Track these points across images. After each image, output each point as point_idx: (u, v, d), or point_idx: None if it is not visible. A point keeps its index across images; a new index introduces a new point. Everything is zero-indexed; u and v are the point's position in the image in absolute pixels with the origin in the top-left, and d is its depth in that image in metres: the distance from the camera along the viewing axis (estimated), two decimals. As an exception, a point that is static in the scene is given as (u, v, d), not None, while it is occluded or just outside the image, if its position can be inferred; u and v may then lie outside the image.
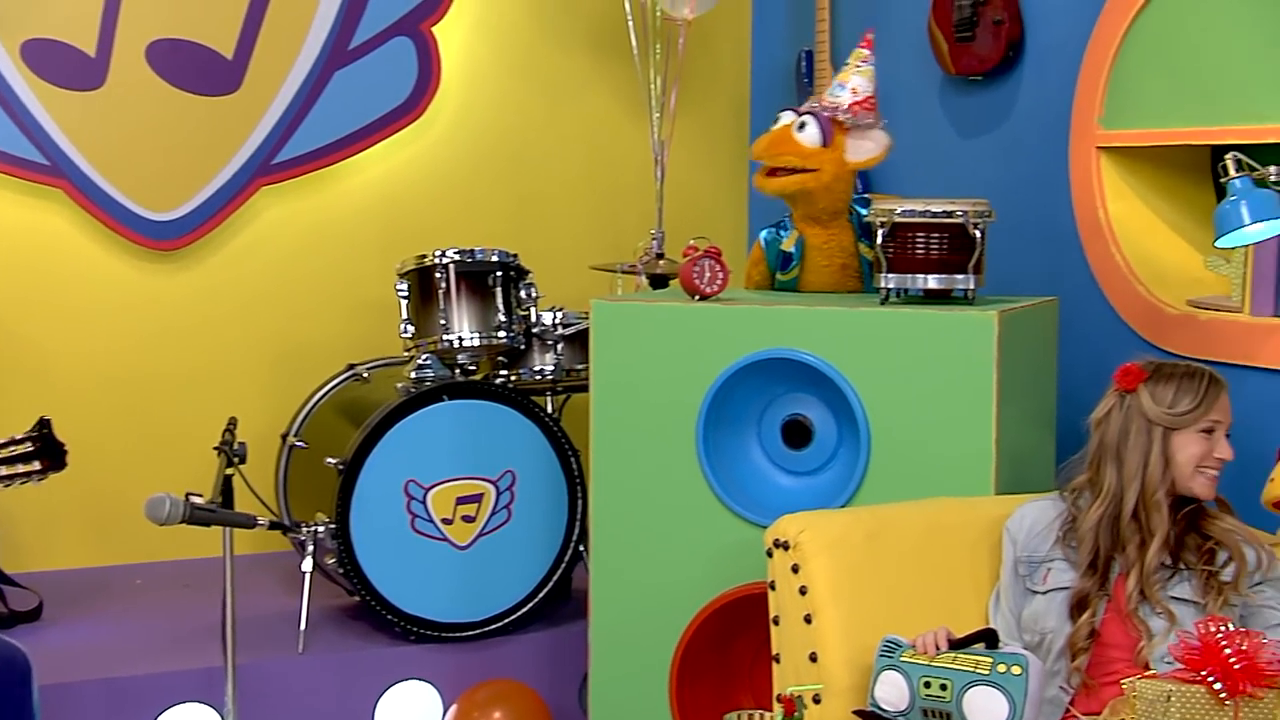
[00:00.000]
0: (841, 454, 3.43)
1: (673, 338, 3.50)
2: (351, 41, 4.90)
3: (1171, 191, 4.08)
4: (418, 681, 4.09)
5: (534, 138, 5.18)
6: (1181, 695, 2.37)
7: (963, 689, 2.64)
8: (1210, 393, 2.91)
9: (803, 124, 3.62)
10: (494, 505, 4.15)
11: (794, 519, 3.06)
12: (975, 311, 3.30)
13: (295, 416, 4.47)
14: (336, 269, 4.98)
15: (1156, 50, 3.88)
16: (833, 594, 2.95)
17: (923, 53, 4.61)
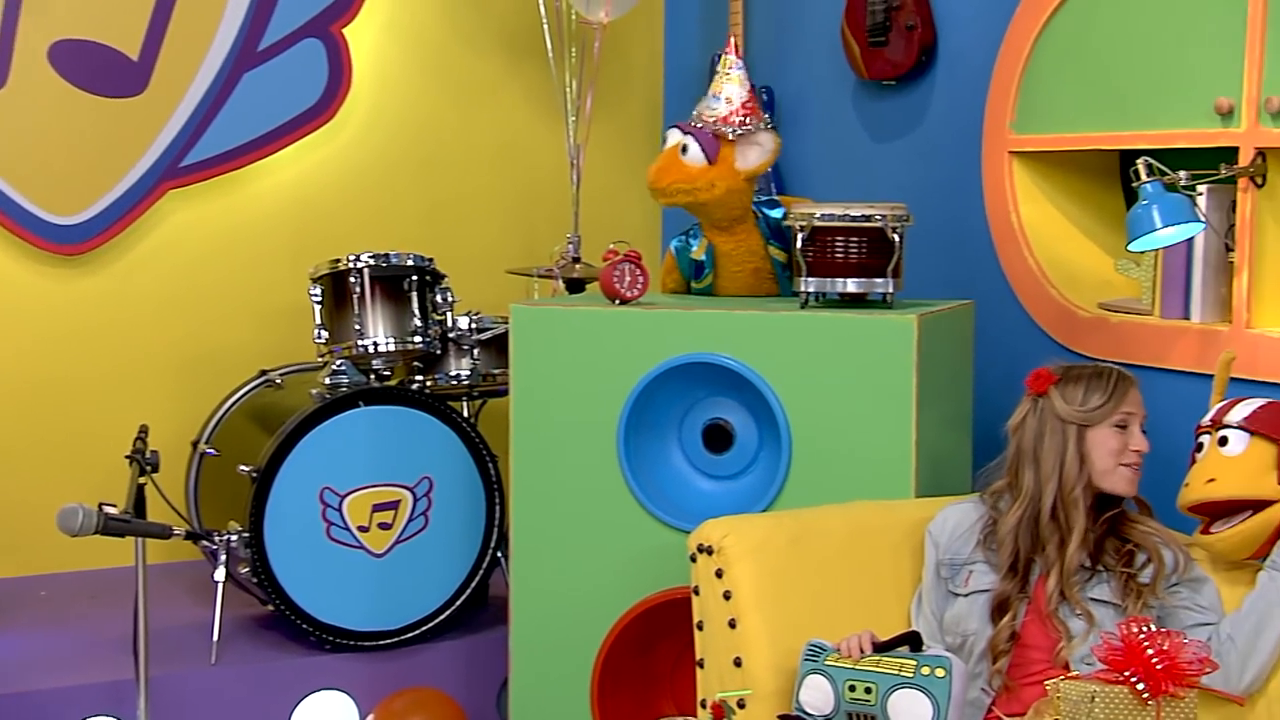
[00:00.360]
0: (762, 458, 3.45)
1: (593, 342, 3.51)
2: (260, 43, 4.86)
3: (1082, 195, 4.14)
4: (333, 691, 4.06)
5: (447, 140, 5.17)
6: (1105, 696, 2.40)
7: (887, 692, 2.67)
8: (1119, 387, 2.99)
9: (685, 147, 3.61)
10: (411, 512, 4.13)
11: (717, 523, 3.08)
12: (895, 315, 3.33)
13: (206, 423, 4.43)
14: (247, 273, 4.93)
15: (1067, 55, 3.93)
16: (757, 598, 2.97)
17: (836, 57, 4.64)
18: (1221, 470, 2.90)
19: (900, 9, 4.37)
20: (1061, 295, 3.97)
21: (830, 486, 3.31)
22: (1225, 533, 2.88)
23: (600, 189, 5.05)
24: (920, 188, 4.32)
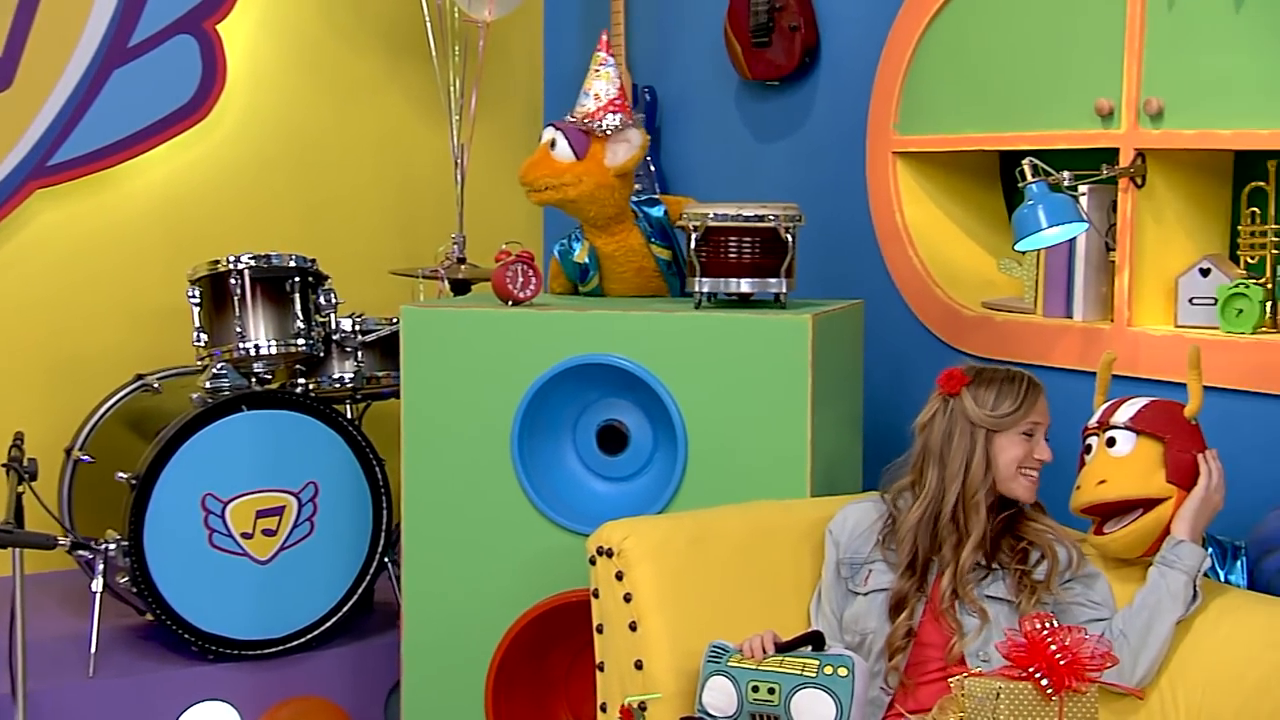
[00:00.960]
0: (658, 459, 3.48)
1: (486, 344, 3.51)
2: (131, 39, 4.78)
3: (964, 196, 4.22)
4: (216, 702, 4.00)
5: (326, 139, 5.14)
6: (1010, 692, 2.45)
7: (790, 692, 2.70)
8: (1030, 396, 3.02)
9: (554, 142, 3.63)
10: (296, 518, 4.10)
11: (616, 526, 3.09)
12: (789, 315, 3.37)
13: (80, 430, 4.35)
14: (119, 275, 4.85)
15: (949, 57, 4.01)
16: (658, 600, 2.98)
17: (719, 58, 4.69)
18: (1111, 471, 2.96)
19: (783, 10, 4.43)
20: (946, 294, 4.04)
21: (727, 487, 3.34)
22: (1118, 533, 2.95)
23: (483, 189, 5.04)
24: (804, 188, 4.36)
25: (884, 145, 4.18)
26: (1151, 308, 3.61)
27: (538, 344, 3.46)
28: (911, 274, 4.12)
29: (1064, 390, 3.71)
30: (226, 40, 4.89)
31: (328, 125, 5.12)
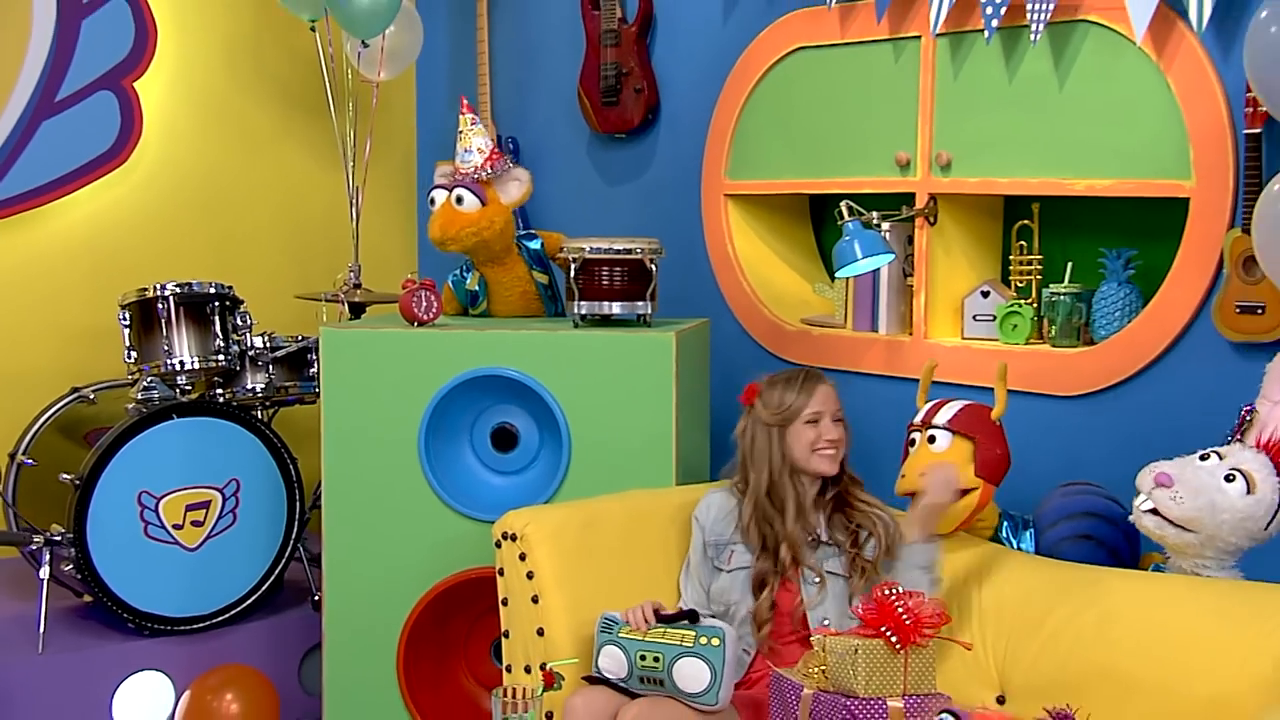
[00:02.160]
0: (544, 455, 3.49)
1: (395, 360, 3.49)
2: (58, 94, 4.66)
3: (782, 231, 4.32)
4: (152, 672, 3.93)
5: (232, 182, 5.04)
6: (865, 648, 2.48)
7: (672, 660, 2.75)
8: (805, 390, 3.06)
9: (460, 198, 3.62)
10: (220, 510, 4.04)
11: (519, 514, 3.10)
12: (655, 333, 3.43)
13: (21, 437, 4.22)
14: (50, 300, 4.71)
15: (770, 116, 4.10)
16: (556, 577, 3.01)
17: (572, 113, 4.72)
18: (930, 465, 3.00)
19: (629, 75, 4.49)
20: (771, 313, 4.14)
21: (604, 478, 3.37)
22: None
23: (369, 224, 4.96)
24: (649, 224, 4.38)
25: (716, 188, 4.25)
26: (943, 323, 3.74)
27: (440, 359, 3.46)
28: (741, 296, 4.20)
29: (873, 391, 3.85)
30: (142, 95, 4.79)
31: (233, 169, 5.03)
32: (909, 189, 3.72)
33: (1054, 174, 3.43)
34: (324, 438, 3.54)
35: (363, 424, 3.50)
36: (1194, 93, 3.15)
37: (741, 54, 4.16)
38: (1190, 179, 3.17)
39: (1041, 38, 3.34)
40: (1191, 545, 2.74)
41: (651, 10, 4.47)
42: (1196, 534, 2.72)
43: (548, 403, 3.40)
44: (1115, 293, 3.43)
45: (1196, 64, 3.14)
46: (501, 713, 2.42)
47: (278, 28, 4.99)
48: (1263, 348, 3.03)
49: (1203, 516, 2.71)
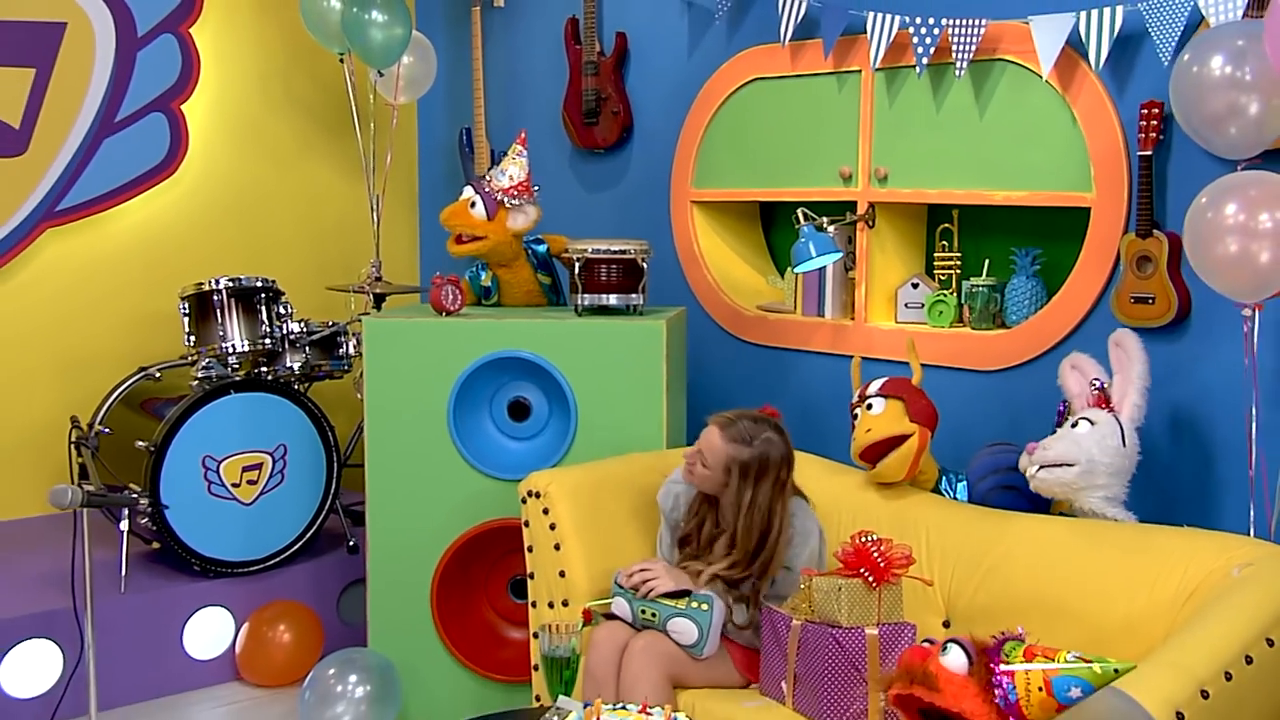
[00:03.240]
0: (552, 423, 3.49)
1: (426, 344, 3.47)
2: (117, 115, 4.59)
3: (738, 232, 4.32)
4: (216, 607, 3.92)
5: (262, 191, 4.97)
6: (848, 587, 2.52)
7: (666, 618, 2.75)
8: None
9: (474, 203, 3.59)
10: (271, 471, 4.01)
11: (541, 475, 3.11)
12: (649, 320, 3.43)
13: (97, 410, 4.15)
14: (111, 292, 4.64)
15: (730, 135, 4.10)
16: (574, 527, 3.01)
17: (556, 131, 4.69)
18: (873, 423, 3.04)
19: (607, 100, 4.47)
20: (732, 301, 4.15)
21: (605, 442, 3.37)
22: (885, 462, 3.03)
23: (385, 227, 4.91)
24: (625, 227, 4.39)
25: (684, 196, 4.25)
26: (879, 310, 3.78)
27: (464, 344, 3.44)
28: (706, 287, 4.20)
29: (820, 366, 3.89)
30: (188, 116, 4.73)
31: (264, 180, 4.96)
32: (851, 198, 3.74)
33: (976, 186, 3.46)
34: (366, 411, 3.51)
35: (399, 398, 3.48)
36: (1094, 120, 3.20)
37: (705, 83, 4.15)
38: (1091, 191, 3.21)
39: (965, 73, 3.37)
40: (1080, 478, 2.78)
41: (626, 45, 4.45)
42: (1075, 464, 2.78)
43: (557, 379, 3.40)
44: (1024, 285, 3.47)
45: (1096, 96, 3.19)
46: (550, 643, 2.43)
47: (303, 59, 4.94)
48: (1153, 331, 3.09)
49: (1070, 449, 2.79)
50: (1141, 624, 2.51)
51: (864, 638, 2.50)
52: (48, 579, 3.76)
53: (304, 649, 3.89)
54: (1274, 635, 2.25)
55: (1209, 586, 2.46)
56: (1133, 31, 3.10)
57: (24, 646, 3.56)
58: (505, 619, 3.60)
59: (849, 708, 2.49)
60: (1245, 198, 2.43)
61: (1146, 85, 3.11)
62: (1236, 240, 2.41)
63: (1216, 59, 2.55)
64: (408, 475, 3.49)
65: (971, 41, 3.34)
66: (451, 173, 5.18)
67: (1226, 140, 2.60)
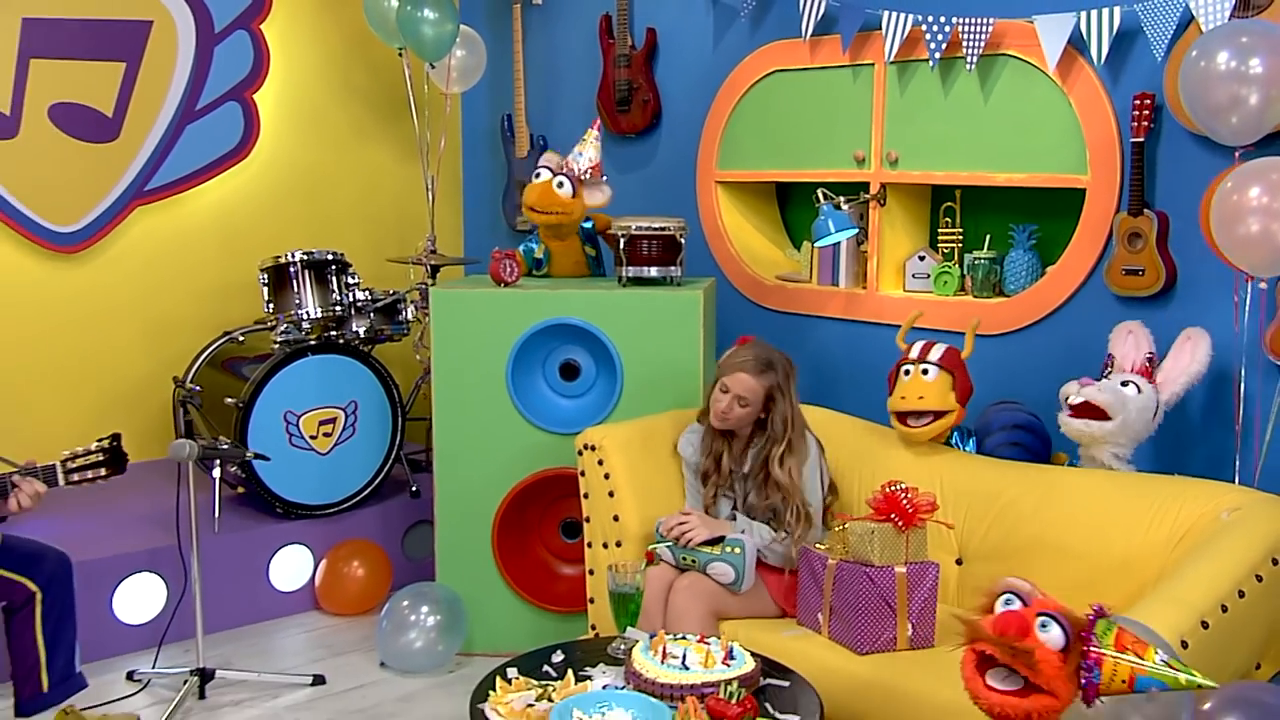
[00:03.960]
0: (599, 383, 3.47)
1: (487, 312, 3.45)
2: (197, 104, 4.54)
3: (758, 209, 4.30)
4: (297, 545, 3.94)
5: (324, 172, 4.90)
6: (880, 530, 2.54)
7: (705, 563, 2.77)
8: (731, 362, 2.91)
9: (560, 183, 3.55)
10: (344, 424, 4.01)
11: (595, 430, 3.11)
12: (687, 291, 3.41)
13: (187, 370, 4.15)
14: (192, 265, 4.61)
15: (753, 122, 4.06)
16: (626, 476, 3.02)
17: (590, 117, 4.55)
18: (926, 390, 2.97)
19: (638, 90, 4.43)
20: (753, 271, 4.13)
21: (647, 400, 3.36)
22: (922, 429, 2.99)
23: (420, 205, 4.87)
24: (653, 205, 4.31)
25: (709, 176, 4.22)
26: (889, 280, 3.77)
27: (521, 311, 3.42)
28: (729, 258, 4.19)
29: (835, 330, 3.88)
30: (260, 105, 4.68)
31: (325, 162, 4.90)
32: (864, 179, 3.72)
33: (979, 169, 3.45)
34: (434, 372, 3.50)
35: (463, 361, 3.47)
36: (1090, 109, 3.18)
37: (729, 74, 4.11)
38: (1087, 174, 3.20)
39: (973, 66, 3.34)
40: (1110, 433, 2.77)
41: (656, 39, 4.41)
42: (1113, 420, 2.77)
43: (604, 343, 3.39)
44: (1021, 258, 3.47)
45: (1093, 89, 3.17)
46: (616, 581, 2.44)
47: (359, 52, 4.89)
48: (1141, 300, 3.09)
49: (1116, 403, 2.78)
50: (1137, 562, 2.54)
51: (894, 575, 2.52)
52: (149, 519, 3.77)
53: (374, 582, 3.92)
54: (1262, 572, 2.28)
55: (1200, 529, 2.49)
56: (1128, 29, 3.07)
57: (133, 579, 3.58)
58: (557, 557, 3.61)
59: (880, 636, 2.52)
60: (1268, 181, 2.41)
61: (1140, 78, 3.10)
62: (1259, 220, 2.40)
63: (1222, 54, 2.53)
64: (471, 429, 3.49)
65: (981, 38, 3.32)
66: (493, 155, 5.14)
67: (1229, 129, 2.58)
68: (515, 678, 2.27)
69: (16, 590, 2.78)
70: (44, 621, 2.80)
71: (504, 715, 2.10)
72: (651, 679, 2.16)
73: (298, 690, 3.35)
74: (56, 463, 2.72)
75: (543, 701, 2.13)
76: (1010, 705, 1.76)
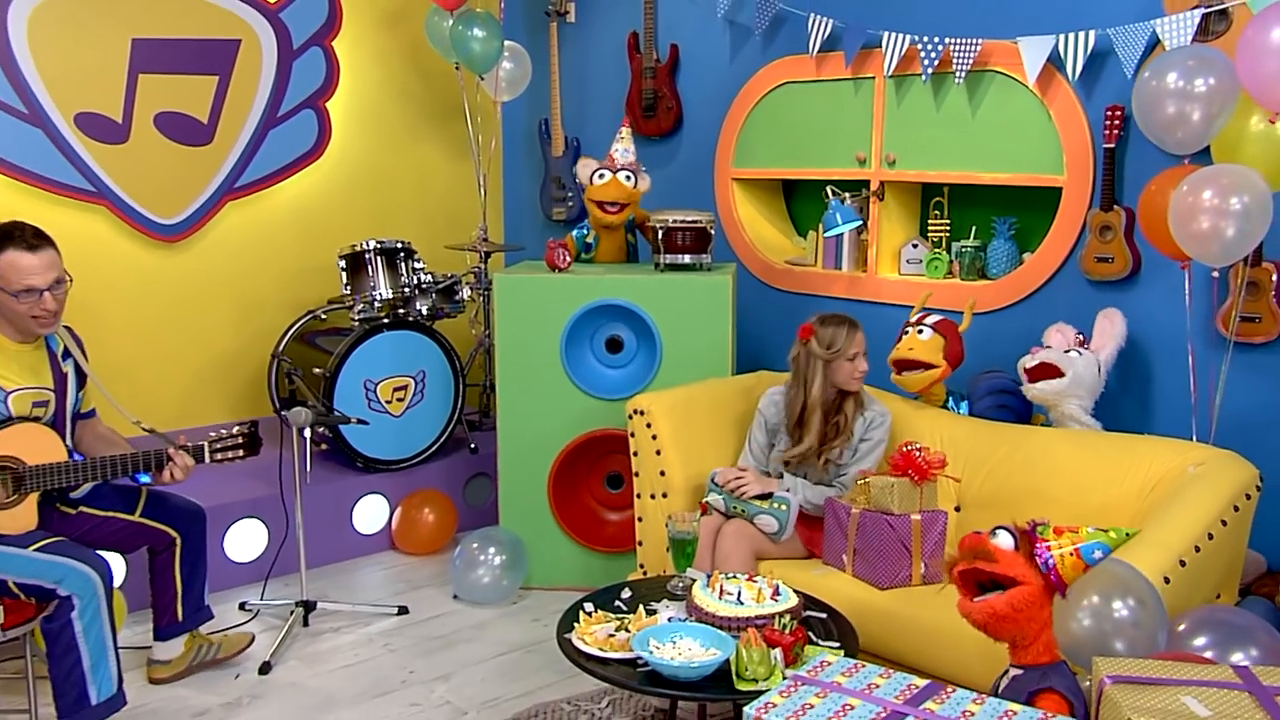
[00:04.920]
0: (640, 355, 3.49)
1: (543, 294, 3.46)
2: (279, 112, 4.49)
3: (767, 203, 4.28)
4: (375, 494, 3.96)
5: (385, 170, 4.85)
6: (899, 484, 2.57)
7: (754, 514, 2.78)
8: (849, 336, 2.82)
9: (629, 176, 3.55)
10: (414, 391, 4.01)
11: (644, 397, 3.11)
12: (716, 275, 3.42)
13: (277, 343, 4.15)
14: (275, 251, 4.57)
15: (765, 126, 4.05)
16: (671, 436, 3.04)
17: (619, 121, 4.56)
18: (917, 345, 3.03)
19: (663, 98, 4.41)
20: (764, 256, 4.13)
21: (683, 371, 3.38)
22: (908, 377, 3.05)
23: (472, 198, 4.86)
24: (675, 200, 4.34)
25: (726, 174, 4.21)
26: (886, 265, 3.77)
27: (572, 293, 3.43)
28: (744, 245, 4.19)
29: (838, 308, 3.83)
30: (331, 112, 4.63)
31: (390, 161, 4.87)
32: (865, 177, 3.71)
33: (967, 169, 3.45)
34: (497, 346, 3.50)
35: (523, 336, 3.48)
36: (1067, 119, 3.19)
37: (743, 85, 4.10)
38: (1063, 175, 3.22)
39: (963, 81, 3.35)
40: (1066, 387, 2.81)
41: (678, 54, 4.38)
42: (1065, 374, 2.81)
43: (646, 321, 3.40)
44: (1002, 247, 3.48)
45: (1069, 101, 3.18)
46: (675, 528, 2.47)
47: (415, 64, 4.84)
48: (1111, 284, 3.12)
49: (1063, 360, 2.84)
50: (1113, 509, 2.58)
51: (910, 522, 2.55)
52: (248, 474, 3.78)
53: (442, 525, 3.95)
54: (1226, 517, 2.32)
55: (1169, 481, 2.52)
56: (1101, 49, 3.07)
57: (239, 524, 3.61)
58: (603, 505, 3.64)
59: (899, 574, 2.56)
60: (1218, 185, 2.43)
61: (1111, 92, 3.10)
62: (1209, 218, 2.42)
63: (1171, 75, 2.54)
64: (529, 396, 3.51)
65: (969, 55, 3.31)
66: (530, 155, 5.11)
67: (1175, 140, 2.60)
68: (593, 611, 2.31)
69: (160, 536, 2.82)
70: (181, 563, 2.84)
71: (590, 644, 2.14)
72: (712, 613, 2.20)
73: (386, 619, 3.39)
74: (204, 443, 2.76)
75: (621, 632, 2.17)
76: (990, 602, 1.82)
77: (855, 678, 1.64)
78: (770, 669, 1.96)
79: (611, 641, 2.13)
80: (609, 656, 2.10)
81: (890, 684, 1.63)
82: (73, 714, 2.39)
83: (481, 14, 4.28)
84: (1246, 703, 1.43)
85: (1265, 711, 1.40)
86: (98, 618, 2.41)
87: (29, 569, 2.39)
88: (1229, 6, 2.79)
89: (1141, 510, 2.51)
